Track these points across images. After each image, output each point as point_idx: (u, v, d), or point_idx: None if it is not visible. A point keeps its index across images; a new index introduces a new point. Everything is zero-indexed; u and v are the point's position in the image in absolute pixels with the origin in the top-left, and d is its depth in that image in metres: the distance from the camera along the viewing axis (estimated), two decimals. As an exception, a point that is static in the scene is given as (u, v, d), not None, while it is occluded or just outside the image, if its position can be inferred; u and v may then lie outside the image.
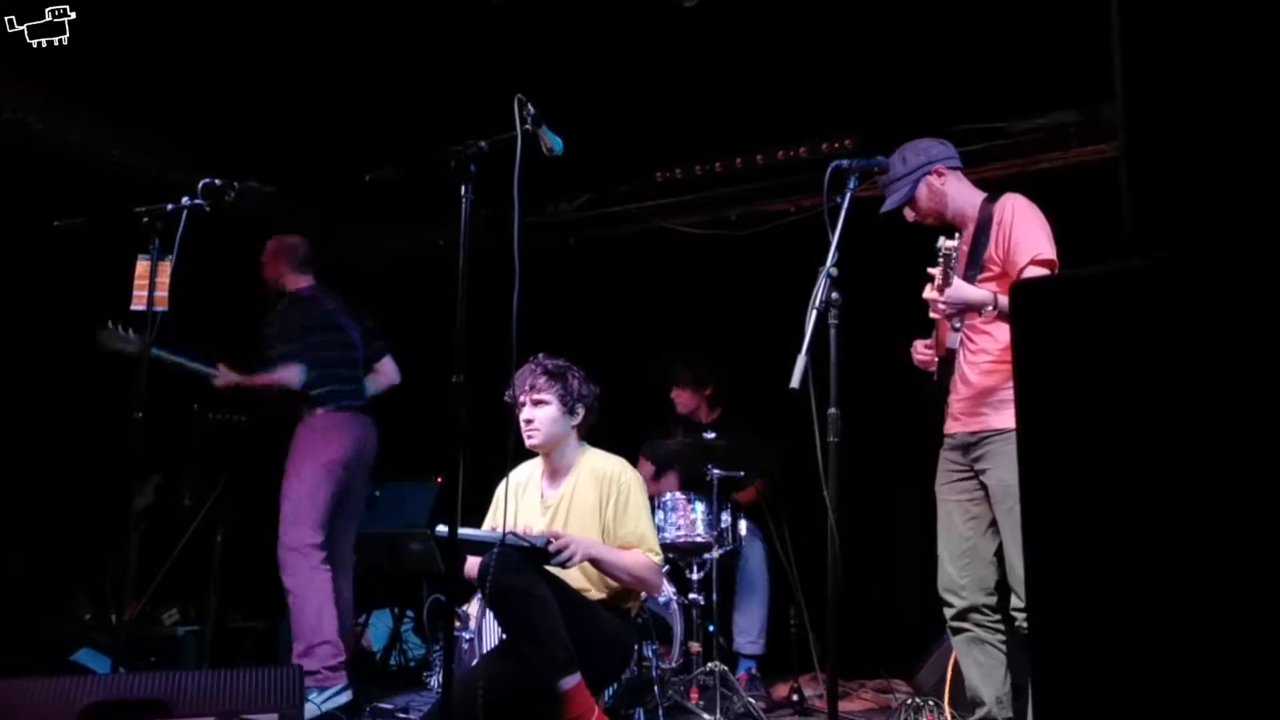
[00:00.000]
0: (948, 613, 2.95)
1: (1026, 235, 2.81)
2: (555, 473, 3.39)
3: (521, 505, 3.39)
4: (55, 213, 3.24)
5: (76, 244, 3.37)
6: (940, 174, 2.98)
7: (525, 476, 3.47)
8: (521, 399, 3.30)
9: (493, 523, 3.36)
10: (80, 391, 4.42)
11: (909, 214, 3.03)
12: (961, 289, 2.69)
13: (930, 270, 2.69)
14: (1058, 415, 0.98)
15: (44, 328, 4.37)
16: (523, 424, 3.31)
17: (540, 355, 3.39)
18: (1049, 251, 2.79)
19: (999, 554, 2.88)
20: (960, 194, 3.02)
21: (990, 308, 2.71)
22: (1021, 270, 2.77)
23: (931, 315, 2.89)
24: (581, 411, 3.34)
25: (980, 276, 2.88)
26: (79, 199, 3.59)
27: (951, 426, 2.99)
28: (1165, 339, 0.93)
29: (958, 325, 2.88)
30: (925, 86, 4.33)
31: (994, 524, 2.88)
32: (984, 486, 2.88)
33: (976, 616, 2.89)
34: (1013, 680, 2.88)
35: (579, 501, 3.28)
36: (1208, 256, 0.91)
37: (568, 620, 2.93)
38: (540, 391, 3.28)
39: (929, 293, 2.72)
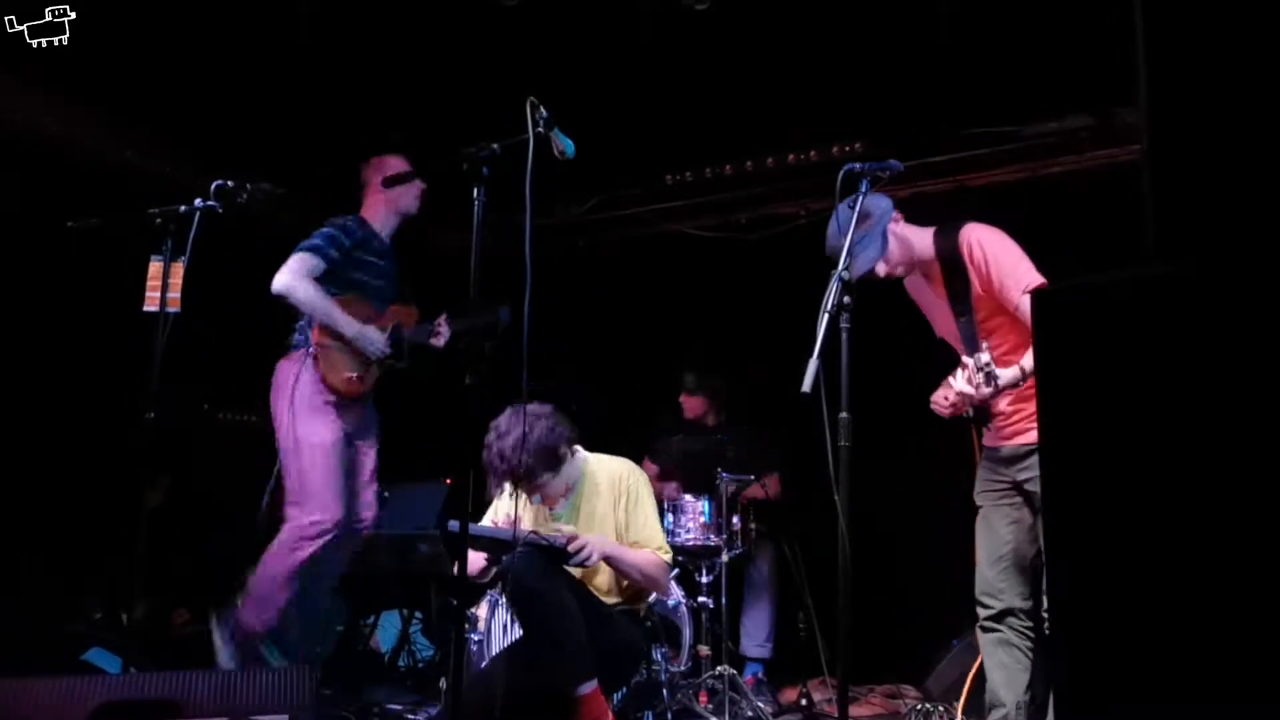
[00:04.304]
0: (982, 614, 2.92)
1: (1009, 269, 2.76)
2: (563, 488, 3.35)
3: (525, 513, 3.37)
4: (68, 214, 3.26)
5: (90, 244, 3.38)
6: (898, 219, 2.92)
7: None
8: (531, 496, 3.23)
9: (494, 521, 3.35)
10: (90, 392, 4.44)
11: (880, 269, 2.88)
12: (990, 394, 2.65)
13: (967, 360, 2.64)
14: (1080, 420, 0.97)
15: (55, 328, 4.39)
16: (543, 501, 3.29)
17: (497, 439, 3.14)
18: (1035, 277, 2.75)
19: (1037, 559, 2.86)
20: (915, 236, 2.95)
21: (1021, 381, 2.68)
22: (1018, 306, 2.73)
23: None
24: (567, 448, 3.26)
25: (977, 319, 2.85)
26: (92, 200, 3.60)
27: (993, 440, 2.96)
28: (1189, 345, 0.92)
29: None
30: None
31: (1033, 530, 2.86)
32: (1024, 495, 2.86)
33: (1011, 620, 2.87)
34: (1032, 692, 2.86)
35: (592, 508, 3.28)
36: (1233, 263, 0.90)
37: (585, 625, 2.94)
38: (534, 478, 3.17)
39: (964, 386, 2.66)
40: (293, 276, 3.57)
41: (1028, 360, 2.66)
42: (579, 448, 3.38)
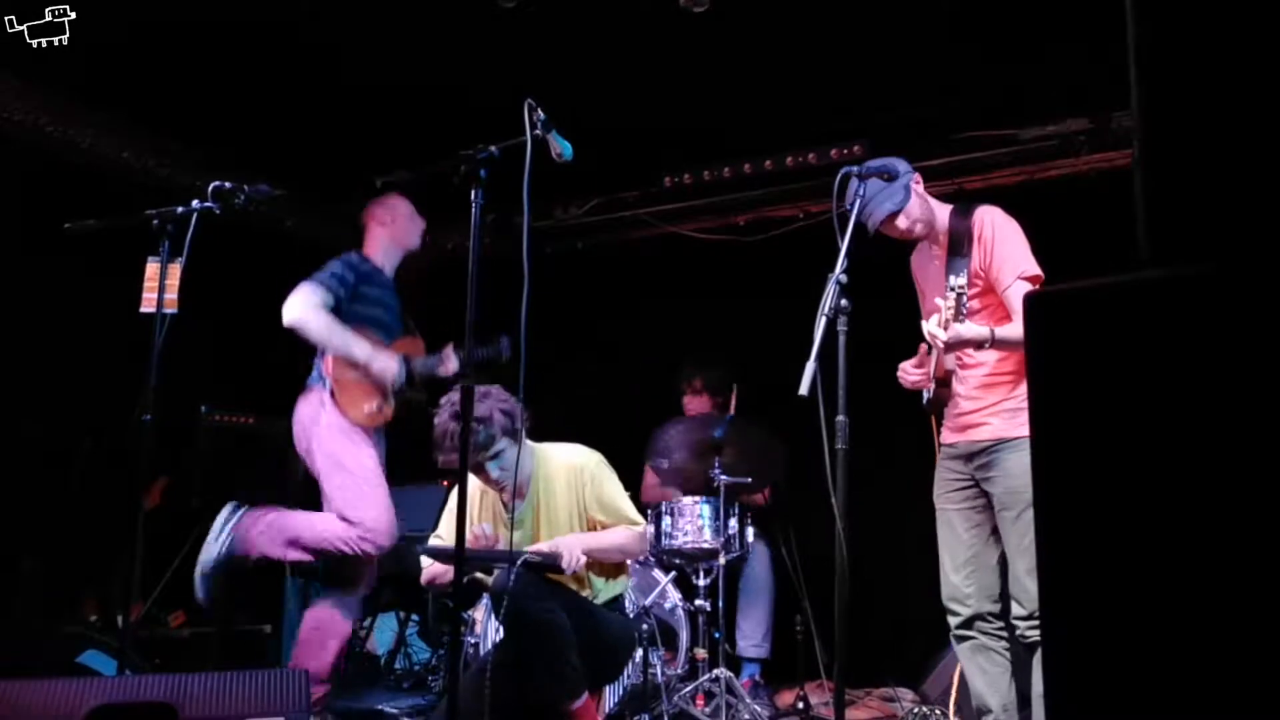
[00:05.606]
0: (952, 621, 2.95)
1: (1011, 253, 2.82)
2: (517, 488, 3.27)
3: (482, 516, 3.31)
4: (66, 214, 3.25)
5: (88, 245, 3.37)
6: (919, 182, 2.96)
7: (476, 487, 3.30)
8: (475, 460, 3.07)
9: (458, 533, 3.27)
10: (88, 394, 4.44)
11: (901, 222, 2.92)
12: (960, 331, 2.66)
13: (939, 301, 2.67)
14: (1073, 425, 0.97)
15: (53, 329, 4.39)
16: (492, 483, 3.18)
17: (445, 409, 3.11)
18: (1033, 267, 2.80)
19: (1001, 561, 2.87)
20: (933, 204, 3.01)
21: (987, 343, 2.70)
22: (1007, 289, 2.78)
23: (934, 345, 2.84)
24: (517, 424, 3.17)
25: (969, 293, 2.87)
26: (90, 201, 3.60)
27: (950, 437, 2.98)
28: (1182, 350, 0.92)
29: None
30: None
31: (995, 531, 2.87)
32: (985, 495, 2.88)
33: (981, 624, 2.89)
34: (1017, 689, 2.87)
35: (552, 503, 3.24)
36: (1226, 267, 0.90)
37: (575, 629, 2.94)
38: (494, 445, 3.11)
39: (933, 327, 2.70)
40: (303, 309, 3.50)
41: (1001, 331, 2.69)
42: (529, 441, 3.28)
